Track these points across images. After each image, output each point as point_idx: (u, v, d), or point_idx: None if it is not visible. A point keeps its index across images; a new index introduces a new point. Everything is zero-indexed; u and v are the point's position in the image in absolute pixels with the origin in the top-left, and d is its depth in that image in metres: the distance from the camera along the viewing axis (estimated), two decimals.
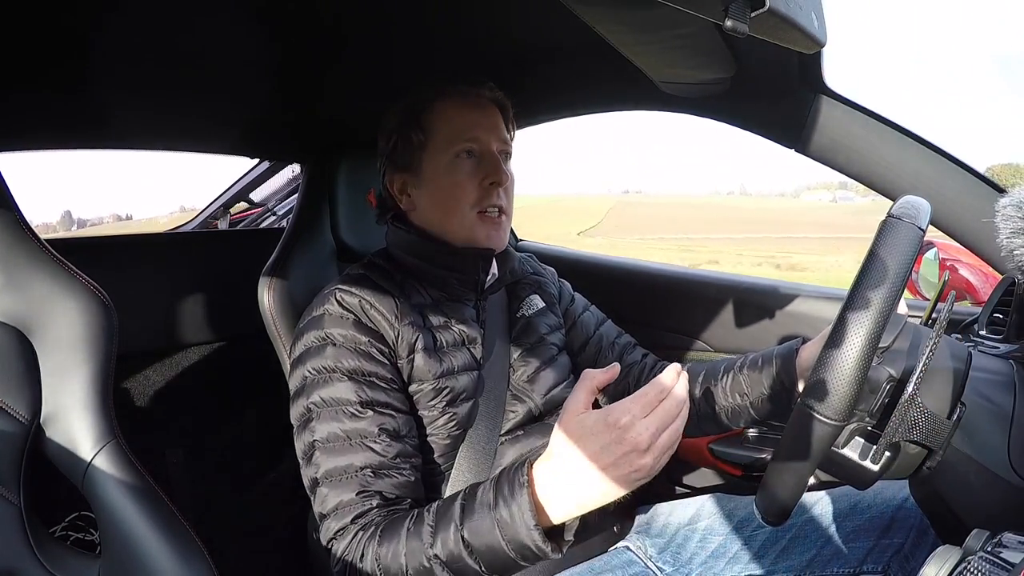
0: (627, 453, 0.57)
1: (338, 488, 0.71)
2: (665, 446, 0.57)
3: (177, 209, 27.57)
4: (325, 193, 1.07)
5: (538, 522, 0.59)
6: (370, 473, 0.71)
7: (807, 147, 0.96)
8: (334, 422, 0.73)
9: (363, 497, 0.70)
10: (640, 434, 0.56)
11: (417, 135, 0.85)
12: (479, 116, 0.85)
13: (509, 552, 0.61)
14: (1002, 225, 0.62)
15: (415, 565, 0.64)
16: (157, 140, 1.15)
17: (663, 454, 0.58)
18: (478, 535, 0.62)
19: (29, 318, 0.64)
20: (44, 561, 0.60)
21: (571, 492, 0.60)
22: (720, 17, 0.44)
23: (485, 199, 0.83)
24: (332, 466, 0.72)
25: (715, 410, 0.89)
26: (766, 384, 0.84)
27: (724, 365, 0.91)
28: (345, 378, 0.74)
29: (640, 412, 0.57)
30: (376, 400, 0.74)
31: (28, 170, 24.23)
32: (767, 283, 1.22)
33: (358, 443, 0.72)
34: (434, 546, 0.63)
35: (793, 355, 0.82)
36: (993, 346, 0.71)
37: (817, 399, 0.54)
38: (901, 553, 0.77)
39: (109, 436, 0.64)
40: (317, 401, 0.74)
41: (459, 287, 0.86)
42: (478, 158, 0.84)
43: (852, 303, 0.53)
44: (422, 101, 0.86)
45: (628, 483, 0.58)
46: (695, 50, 0.75)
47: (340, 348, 0.76)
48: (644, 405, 0.58)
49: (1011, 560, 0.41)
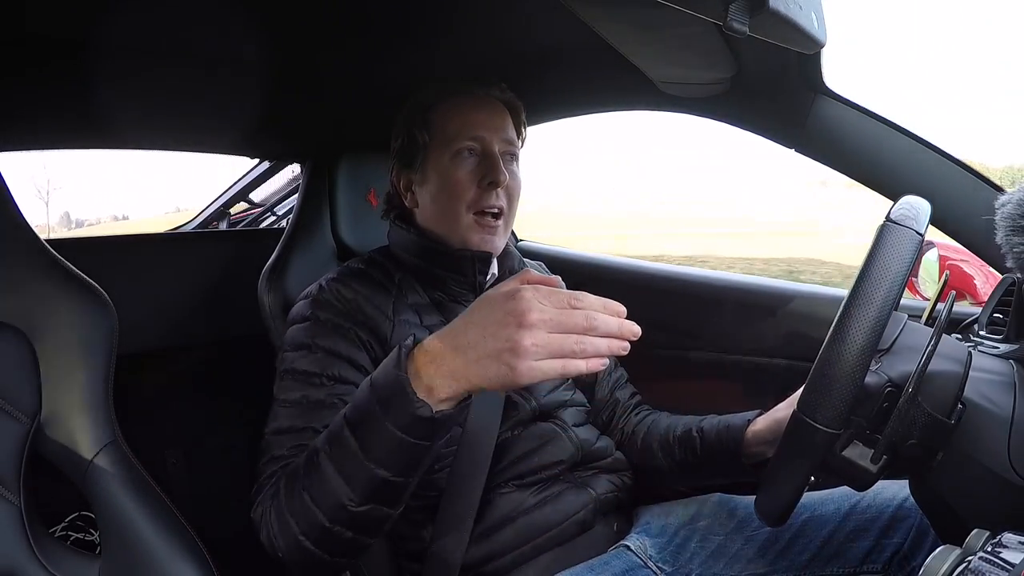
0: (508, 324, 0.51)
1: (277, 444, 0.72)
2: (551, 344, 0.51)
3: (172, 209, 27.25)
4: (325, 193, 1.07)
5: (406, 370, 0.54)
6: (312, 434, 0.69)
7: (807, 147, 0.96)
8: (299, 389, 0.74)
9: (296, 450, 0.70)
10: (532, 309, 0.50)
11: (422, 133, 0.85)
12: (485, 115, 0.85)
13: (376, 409, 0.55)
14: (1002, 224, 0.62)
15: (304, 464, 0.62)
16: (157, 140, 1.15)
17: (546, 353, 0.51)
18: (354, 406, 0.58)
19: (29, 318, 0.64)
20: (44, 561, 0.60)
21: (449, 360, 0.54)
22: (720, 17, 0.44)
23: (483, 199, 0.83)
24: (279, 425, 0.73)
25: (669, 465, 0.91)
26: (715, 451, 0.85)
27: (683, 422, 0.92)
28: (318, 353, 0.76)
29: (548, 296, 0.52)
30: (345, 377, 0.75)
31: (31, 171, 24.35)
32: (767, 283, 1.22)
33: (313, 408, 0.73)
34: (320, 440, 0.62)
35: (744, 427, 0.83)
36: (993, 346, 0.70)
37: (813, 407, 0.53)
38: (901, 553, 0.77)
39: (109, 436, 0.64)
40: (288, 370, 0.76)
41: (457, 288, 0.86)
42: (479, 157, 0.84)
43: (848, 311, 0.53)
44: (429, 99, 0.86)
45: (498, 363, 0.51)
46: (695, 50, 0.75)
47: (322, 328, 0.77)
48: (558, 297, 0.52)
49: (1011, 560, 0.41)
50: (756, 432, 0.82)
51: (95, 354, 0.66)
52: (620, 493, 0.88)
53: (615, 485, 0.88)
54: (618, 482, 0.89)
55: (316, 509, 0.60)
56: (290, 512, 0.62)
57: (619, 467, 0.91)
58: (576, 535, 0.82)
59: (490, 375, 0.52)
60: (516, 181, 0.86)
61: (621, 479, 0.90)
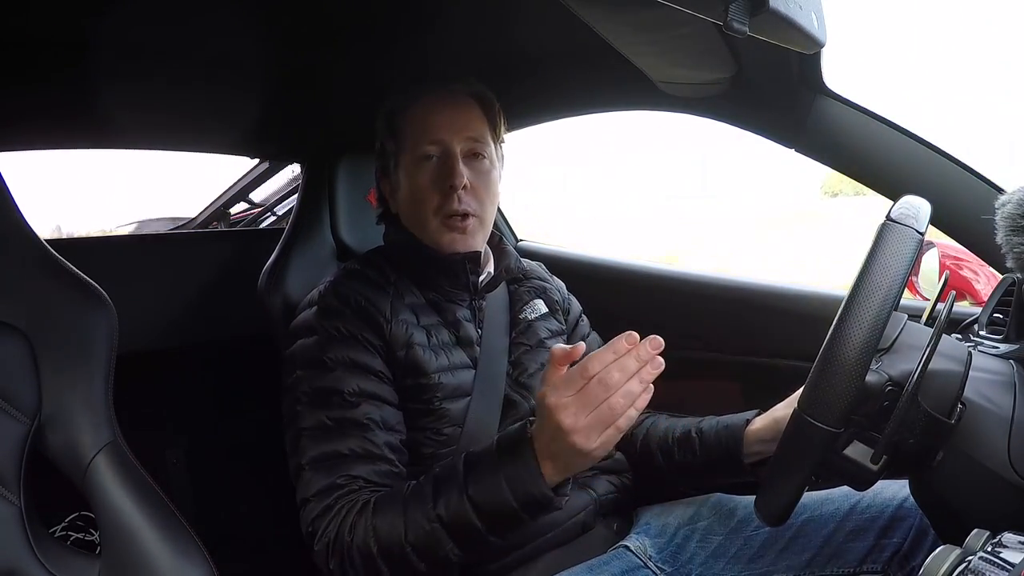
0: (560, 434, 0.59)
1: (322, 472, 0.71)
2: (596, 427, 0.58)
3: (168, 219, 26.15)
4: (324, 193, 1.07)
5: (542, 472, 0.61)
6: (356, 460, 0.71)
7: (807, 147, 0.95)
8: (322, 410, 0.73)
9: (348, 480, 0.70)
10: (566, 417, 0.58)
11: (390, 143, 0.86)
12: (446, 116, 0.84)
13: (514, 504, 0.62)
14: (1002, 225, 0.62)
15: (416, 531, 0.64)
16: (157, 140, 1.15)
17: (597, 433, 0.58)
18: (484, 492, 0.63)
19: (29, 318, 0.63)
20: (44, 561, 0.60)
21: (551, 454, 0.61)
22: (720, 17, 0.44)
23: (446, 204, 0.82)
24: (318, 452, 0.72)
25: (669, 466, 0.90)
26: (714, 451, 0.85)
27: (682, 424, 0.91)
28: (336, 368, 0.75)
29: (565, 389, 0.59)
30: (366, 390, 0.75)
31: (22, 187, 23.08)
32: (768, 283, 1.22)
33: (346, 431, 0.72)
34: (436, 507, 0.63)
35: (743, 427, 0.83)
36: (993, 346, 0.70)
37: (814, 406, 0.53)
38: (900, 553, 0.77)
39: (109, 436, 0.64)
40: (307, 390, 0.75)
41: (451, 289, 0.86)
42: (441, 160, 0.83)
43: (848, 310, 0.53)
44: (394, 107, 0.87)
45: (578, 456, 0.60)
46: (695, 50, 0.75)
47: (332, 339, 0.76)
48: (569, 384, 0.59)
49: (1011, 560, 0.41)
50: (755, 432, 0.82)
51: (95, 354, 0.65)
52: (620, 494, 0.88)
53: (615, 486, 0.88)
54: (618, 483, 0.89)
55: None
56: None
57: (619, 468, 0.91)
58: (576, 536, 0.82)
59: (575, 467, 0.62)
60: (485, 178, 0.85)
61: (621, 480, 0.90)
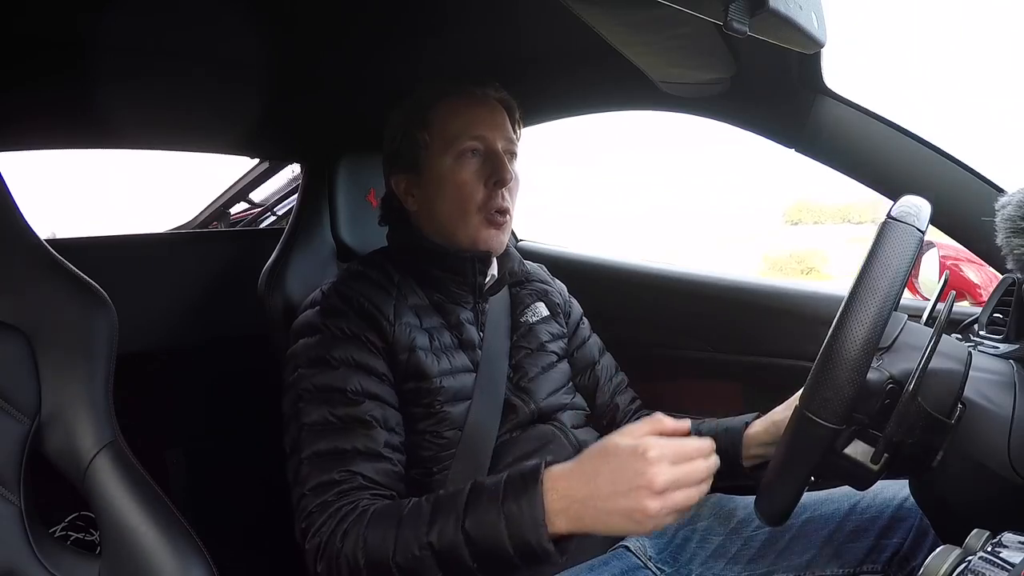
0: (640, 488, 0.56)
1: (321, 468, 0.70)
2: (676, 503, 0.57)
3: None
4: (325, 193, 1.07)
5: (546, 521, 0.58)
6: (357, 456, 0.70)
7: (807, 147, 0.96)
8: (324, 407, 0.73)
9: (347, 475, 0.69)
10: (660, 474, 0.56)
11: (422, 134, 0.84)
12: (484, 114, 0.84)
13: (509, 548, 0.59)
14: (1002, 226, 0.62)
15: (404, 553, 0.62)
16: (157, 140, 1.15)
17: (671, 511, 0.57)
18: (480, 527, 0.60)
19: (29, 318, 0.63)
20: (44, 561, 0.60)
21: (578, 505, 0.59)
22: (720, 17, 0.44)
23: (492, 200, 0.82)
24: (319, 448, 0.71)
25: None
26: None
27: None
28: (338, 367, 0.74)
29: (672, 456, 0.57)
30: (368, 390, 0.74)
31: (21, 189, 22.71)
32: (768, 283, 1.22)
33: (349, 427, 0.72)
34: (430, 534, 0.61)
35: (742, 430, 0.83)
36: (993, 346, 0.70)
37: (815, 403, 0.53)
38: (900, 553, 0.77)
39: (109, 436, 0.64)
40: (309, 387, 0.74)
41: (456, 290, 0.86)
42: (483, 157, 0.83)
43: (850, 306, 0.53)
44: (428, 99, 0.85)
45: (628, 520, 0.57)
46: (695, 50, 0.75)
47: (334, 339, 0.76)
48: (678, 453, 0.57)
49: (1011, 560, 0.41)
50: (754, 435, 0.82)
51: (95, 354, 0.65)
52: None
53: None
54: None
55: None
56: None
57: None
58: None
59: (615, 527, 0.59)
60: (517, 180, 0.86)
61: None
